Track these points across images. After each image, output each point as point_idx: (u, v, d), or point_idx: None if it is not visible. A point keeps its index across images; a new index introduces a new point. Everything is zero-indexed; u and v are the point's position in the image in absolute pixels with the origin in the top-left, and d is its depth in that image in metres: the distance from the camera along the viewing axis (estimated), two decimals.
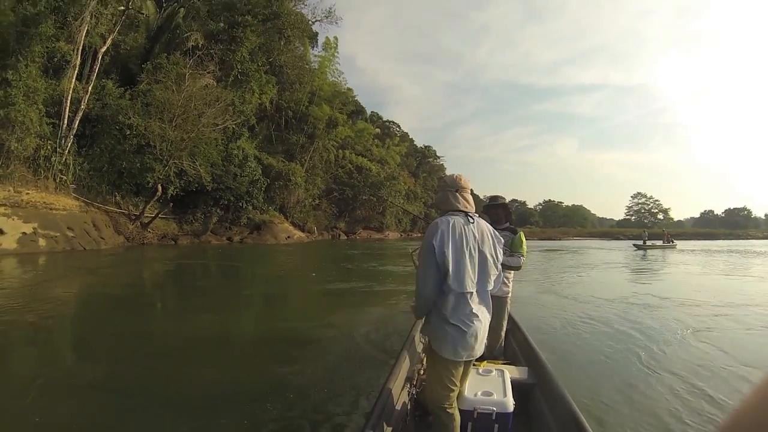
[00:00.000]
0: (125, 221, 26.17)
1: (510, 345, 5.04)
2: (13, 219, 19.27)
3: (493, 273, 2.74)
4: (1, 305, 8.95)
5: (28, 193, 20.84)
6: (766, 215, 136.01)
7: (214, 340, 6.81)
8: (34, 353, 6.32)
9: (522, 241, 4.51)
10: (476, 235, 2.68)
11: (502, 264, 2.85)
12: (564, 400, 3.07)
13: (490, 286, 2.74)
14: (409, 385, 3.58)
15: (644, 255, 31.86)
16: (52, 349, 6.60)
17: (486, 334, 2.75)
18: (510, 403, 3.06)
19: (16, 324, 7.62)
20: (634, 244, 41.92)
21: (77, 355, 6.47)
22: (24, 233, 19.22)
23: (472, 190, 2.98)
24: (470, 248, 2.63)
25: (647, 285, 15.14)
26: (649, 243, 41.01)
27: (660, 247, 40.35)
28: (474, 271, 2.64)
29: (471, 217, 2.71)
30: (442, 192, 2.86)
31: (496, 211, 4.68)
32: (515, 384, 3.43)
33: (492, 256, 2.72)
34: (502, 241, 2.89)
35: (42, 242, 19.76)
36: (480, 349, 2.73)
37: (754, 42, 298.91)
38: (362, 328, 7.26)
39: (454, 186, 2.79)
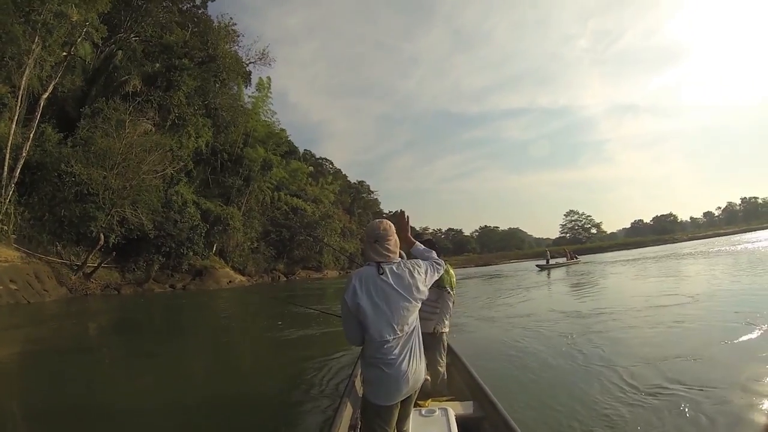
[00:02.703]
0: (67, 272, 24.87)
1: (453, 379, 4.93)
2: None
3: (415, 313, 2.73)
4: None
5: None
6: (691, 218, 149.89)
7: (158, 399, 6.55)
8: None
9: (450, 276, 4.65)
10: (392, 281, 2.66)
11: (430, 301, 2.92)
12: None
13: (413, 326, 2.72)
14: None
15: (548, 275, 31.94)
16: None
17: (418, 375, 2.71)
18: None
19: None
20: (537, 265, 41.13)
21: (23, 414, 6.31)
22: None
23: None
24: (386, 298, 2.62)
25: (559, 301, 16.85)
26: (552, 262, 40.94)
27: (564, 264, 40.64)
28: (393, 318, 2.62)
29: (382, 266, 2.68)
30: (363, 243, 2.91)
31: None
32: (461, 420, 3.40)
33: (413, 298, 2.68)
34: (423, 266, 2.86)
35: None
36: (411, 388, 2.70)
37: (671, 60, 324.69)
38: (305, 375, 7.24)
39: (372, 237, 2.78)
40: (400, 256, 2.89)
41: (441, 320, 4.62)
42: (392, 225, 2.90)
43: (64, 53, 27.07)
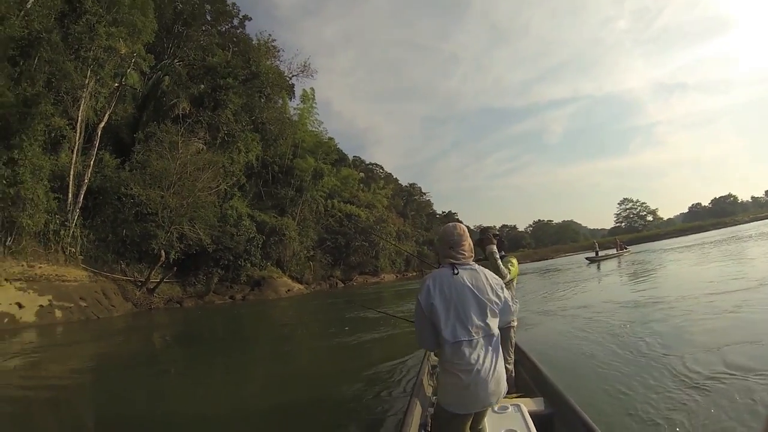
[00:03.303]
0: (132, 288, 26.30)
1: (521, 376, 4.89)
2: (29, 293, 19.50)
3: (492, 316, 2.68)
4: (28, 374, 9.49)
5: (40, 267, 21.13)
6: (752, 198, 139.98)
7: (224, 407, 6.54)
8: (50, 423, 6.48)
9: (513, 264, 4.82)
10: (467, 282, 2.67)
11: None
12: (587, 427, 3.03)
13: (493, 330, 2.67)
14: None
15: (598, 267, 31.06)
16: (70, 418, 6.78)
17: (498, 382, 2.63)
18: None
19: (37, 391, 8.05)
20: (586, 258, 40.26)
21: (95, 423, 6.54)
22: (41, 306, 19.41)
23: (461, 222, 3.19)
24: (460, 297, 2.63)
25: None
26: (601, 254, 39.74)
27: (614, 256, 39.55)
28: (468, 318, 2.60)
29: (456, 267, 2.71)
30: (438, 246, 2.93)
31: (482, 243, 4.70)
32: (533, 416, 3.34)
33: (489, 300, 2.67)
34: (500, 282, 2.83)
35: (58, 313, 19.89)
36: (492, 399, 2.62)
37: (718, 28, 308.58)
38: (370, 378, 7.19)
39: (448, 242, 2.81)
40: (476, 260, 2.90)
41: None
42: (465, 229, 2.91)
43: (116, 84, 28.86)
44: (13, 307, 18.54)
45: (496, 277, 2.85)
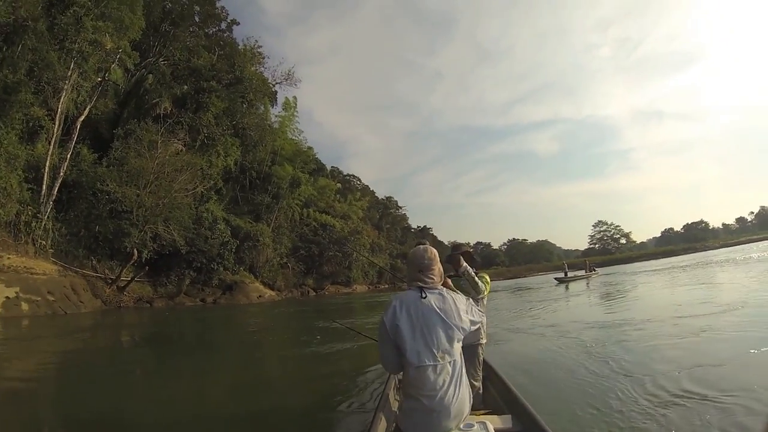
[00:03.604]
0: (102, 285, 25.89)
1: (489, 392, 4.82)
2: None
3: (458, 341, 2.64)
4: None
5: (9, 258, 20.68)
6: (723, 225, 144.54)
7: (187, 411, 6.52)
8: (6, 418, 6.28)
9: (486, 281, 4.71)
10: (435, 306, 2.62)
11: None
12: None
13: (456, 355, 2.63)
14: None
15: (567, 287, 30.85)
16: (28, 415, 6.58)
17: (460, 408, 2.58)
18: None
19: None
20: (555, 278, 39.84)
21: (54, 421, 6.42)
22: (7, 297, 18.99)
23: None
24: (426, 320, 2.59)
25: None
26: (570, 275, 39.73)
27: (582, 277, 39.59)
28: (434, 342, 2.55)
29: (424, 291, 2.67)
30: (407, 268, 2.89)
31: (454, 259, 4.69)
32: None
33: (455, 326, 2.62)
34: (469, 305, 2.82)
35: (24, 306, 19.49)
36: (452, 424, 2.56)
37: (696, 60, 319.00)
38: (336, 390, 7.10)
39: (417, 266, 2.77)
40: (444, 284, 2.86)
41: (477, 331, 4.49)
42: (436, 253, 2.86)
43: (99, 79, 28.55)
44: None
45: (464, 299, 2.81)
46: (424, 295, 2.65)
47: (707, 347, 7.85)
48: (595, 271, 43.43)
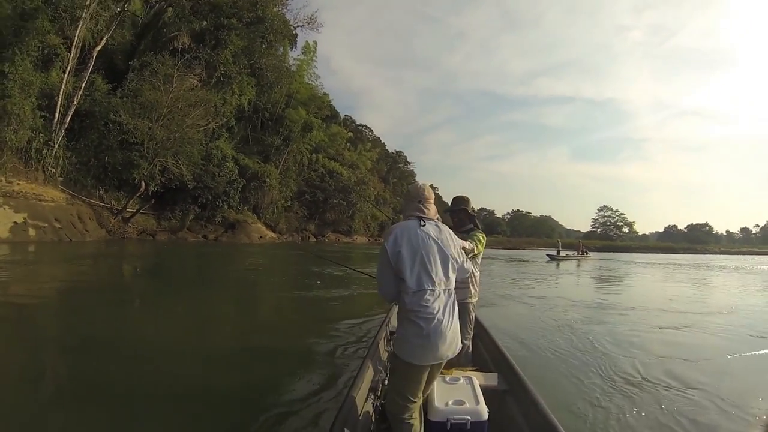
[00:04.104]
0: (107, 215, 26.78)
1: (478, 351, 4.79)
2: (5, 208, 20.01)
3: (452, 271, 2.72)
4: None
5: (19, 184, 21.50)
6: (727, 231, 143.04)
7: (183, 343, 6.62)
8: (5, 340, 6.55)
9: (479, 240, 4.42)
10: (432, 235, 2.70)
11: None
12: (538, 407, 3.02)
13: (452, 285, 2.71)
14: (373, 396, 3.47)
15: (557, 265, 31.19)
16: (31, 340, 6.71)
17: (454, 336, 2.62)
18: (484, 411, 2.93)
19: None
20: (547, 254, 39.99)
21: (53, 348, 6.45)
22: (15, 222, 20.00)
23: (441, 198, 3.43)
24: (425, 247, 2.64)
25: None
26: (563, 254, 39.73)
27: (573, 258, 39.66)
28: (432, 269, 2.61)
29: (423, 220, 2.75)
30: (405, 201, 2.93)
31: (458, 214, 4.65)
32: (485, 391, 3.26)
33: (451, 255, 2.71)
34: (461, 242, 2.99)
35: (32, 232, 20.47)
36: (448, 352, 2.60)
37: (727, 63, 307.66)
38: (329, 334, 7.18)
39: (417, 197, 2.83)
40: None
41: (469, 289, 4.45)
42: (432, 193, 2.95)
43: (118, 9, 28.64)
44: None
45: (455, 236, 2.91)
46: (422, 224, 2.73)
47: (686, 343, 8.08)
48: (587, 254, 43.41)
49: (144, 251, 22.98)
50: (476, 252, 4.37)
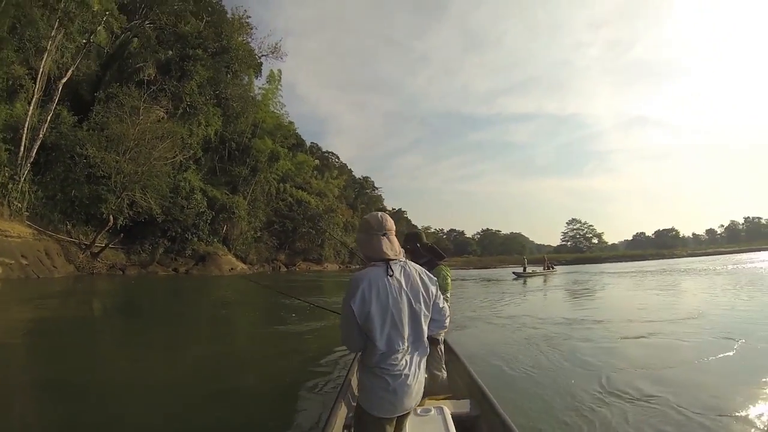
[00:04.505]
0: (76, 250, 25.82)
1: (451, 377, 4.74)
2: None
3: (425, 325, 2.47)
4: None
5: None
6: (693, 234, 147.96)
7: (153, 381, 6.58)
8: None
9: (441, 277, 4.35)
10: (403, 285, 2.40)
11: None
12: (508, 430, 3.05)
13: (423, 338, 2.48)
14: None
15: (524, 282, 30.98)
16: None
17: (420, 388, 2.48)
18: None
19: None
20: (513, 272, 39.57)
21: (21, 389, 6.29)
22: None
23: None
24: (396, 305, 2.36)
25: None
26: (529, 270, 39.03)
27: (540, 274, 39.38)
28: (403, 328, 2.37)
29: (391, 267, 2.41)
30: (365, 234, 2.51)
31: (410, 252, 4.52)
32: (457, 419, 3.29)
33: (422, 310, 2.44)
34: (435, 279, 2.57)
35: None
36: (412, 403, 2.45)
37: (679, 75, 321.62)
38: (301, 370, 7.12)
39: (380, 229, 2.48)
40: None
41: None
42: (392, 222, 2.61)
43: (84, 41, 28.09)
44: None
45: (428, 274, 2.58)
46: (390, 272, 2.40)
47: (653, 352, 8.13)
48: (553, 268, 43.96)
49: (114, 287, 22.29)
50: (446, 291, 4.36)
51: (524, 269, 39.10)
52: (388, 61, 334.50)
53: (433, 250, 4.66)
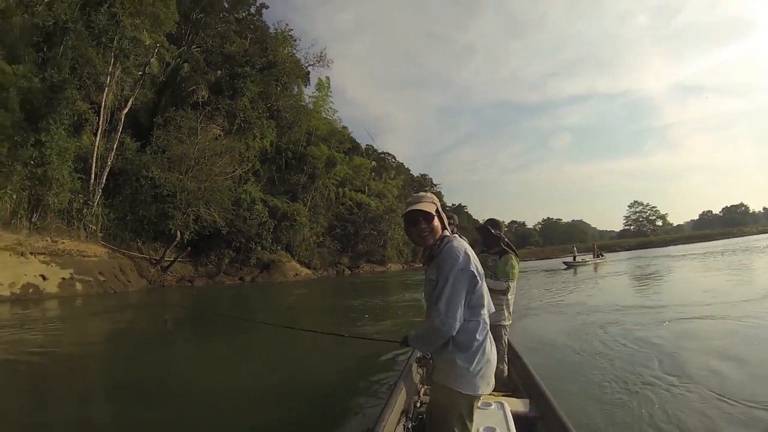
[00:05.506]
0: (147, 265, 27.77)
1: (510, 374, 4.71)
2: (52, 266, 21.15)
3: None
4: (48, 340, 10.52)
5: (63, 242, 22.76)
6: (764, 209, 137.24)
7: (230, 383, 6.78)
8: (64, 388, 6.93)
9: (509, 266, 4.55)
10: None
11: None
12: None
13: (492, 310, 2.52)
14: (405, 418, 3.39)
15: (575, 272, 30.14)
16: (84, 383, 7.23)
17: (496, 364, 2.51)
18: None
19: (55, 357, 8.86)
20: (563, 262, 39.19)
21: (101, 395, 6.82)
22: (63, 278, 21.08)
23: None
24: (482, 272, 2.42)
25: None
26: (578, 259, 38.44)
27: (590, 262, 38.43)
28: (487, 297, 2.44)
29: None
30: (444, 217, 2.58)
31: (490, 234, 4.71)
32: (516, 417, 3.23)
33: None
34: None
35: (78, 286, 21.47)
36: (493, 381, 2.49)
37: (737, 34, 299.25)
38: (366, 369, 7.10)
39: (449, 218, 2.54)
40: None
41: (503, 312, 4.52)
42: None
43: (140, 73, 30.17)
44: (38, 278, 20.18)
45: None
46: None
47: (736, 343, 7.32)
48: (603, 256, 42.92)
49: (184, 297, 23.44)
50: (513, 279, 4.54)
51: (574, 258, 38.57)
52: (433, 56, 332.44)
53: (508, 243, 4.72)
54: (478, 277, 2.37)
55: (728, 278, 17.34)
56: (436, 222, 2.48)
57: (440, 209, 2.53)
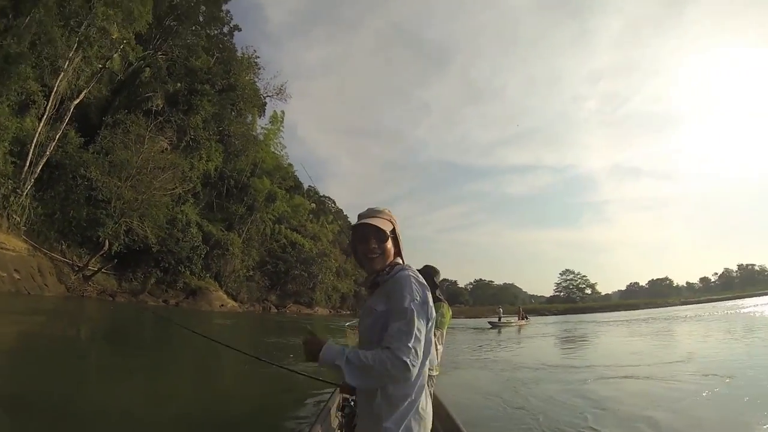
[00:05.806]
0: (68, 271, 25.31)
1: (434, 427, 4.31)
2: None
3: None
4: None
5: None
6: (687, 283, 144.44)
7: (137, 408, 6.47)
8: None
9: (440, 314, 4.34)
10: None
11: None
12: None
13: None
14: None
15: (499, 332, 31.24)
16: None
17: None
18: None
19: None
20: (489, 321, 38.84)
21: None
22: None
23: None
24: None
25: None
26: (503, 320, 38.71)
27: (514, 324, 38.22)
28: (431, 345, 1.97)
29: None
30: (397, 238, 2.18)
31: (429, 280, 4.19)
32: None
33: None
34: None
35: None
36: None
37: (673, 126, 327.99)
38: (283, 407, 7.05)
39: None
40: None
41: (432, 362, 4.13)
42: None
43: (100, 66, 28.51)
44: None
45: None
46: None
47: (638, 392, 8.39)
48: (527, 319, 43.66)
49: (102, 312, 21.92)
50: (442, 327, 4.56)
51: (499, 318, 39.40)
52: (391, 109, 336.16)
53: (442, 290, 4.74)
54: (431, 319, 1.90)
55: (653, 343, 18.61)
56: (389, 244, 2.07)
57: (398, 231, 2.16)
